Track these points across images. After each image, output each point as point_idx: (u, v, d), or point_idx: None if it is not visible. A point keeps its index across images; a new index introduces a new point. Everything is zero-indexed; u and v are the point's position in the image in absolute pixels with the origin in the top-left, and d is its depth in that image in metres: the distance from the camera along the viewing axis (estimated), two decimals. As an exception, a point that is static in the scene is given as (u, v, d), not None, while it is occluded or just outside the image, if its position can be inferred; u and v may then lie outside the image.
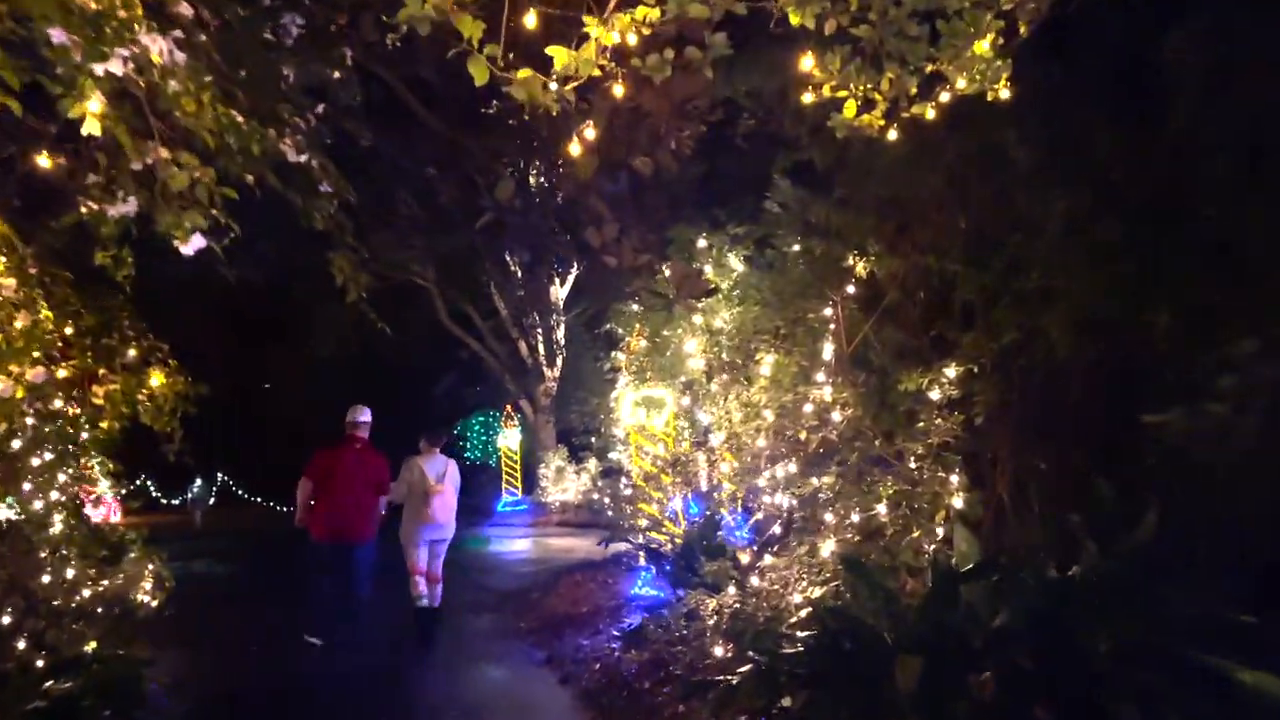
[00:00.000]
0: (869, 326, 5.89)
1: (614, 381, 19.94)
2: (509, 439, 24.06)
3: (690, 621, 6.38)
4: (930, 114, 4.36)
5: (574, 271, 23.91)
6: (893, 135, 4.38)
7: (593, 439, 22.34)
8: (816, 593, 4.91)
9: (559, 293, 24.02)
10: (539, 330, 24.46)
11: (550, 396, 24.72)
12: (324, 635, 8.23)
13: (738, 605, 5.64)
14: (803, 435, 5.79)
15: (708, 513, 8.04)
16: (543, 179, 19.04)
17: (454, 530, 9.12)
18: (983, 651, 3.99)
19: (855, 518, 5.18)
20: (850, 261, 5.87)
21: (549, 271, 20.95)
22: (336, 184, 3.91)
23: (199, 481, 28.77)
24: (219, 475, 30.19)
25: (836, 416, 5.62)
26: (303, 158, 3.50)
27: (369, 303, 5.94)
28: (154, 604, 9.51)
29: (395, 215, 21.46)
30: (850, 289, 5.98)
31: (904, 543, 4.91)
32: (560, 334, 24.34)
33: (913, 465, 5.24)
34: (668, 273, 7.33)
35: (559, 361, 24.77)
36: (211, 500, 29.67)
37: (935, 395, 5.34)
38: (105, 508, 27.15)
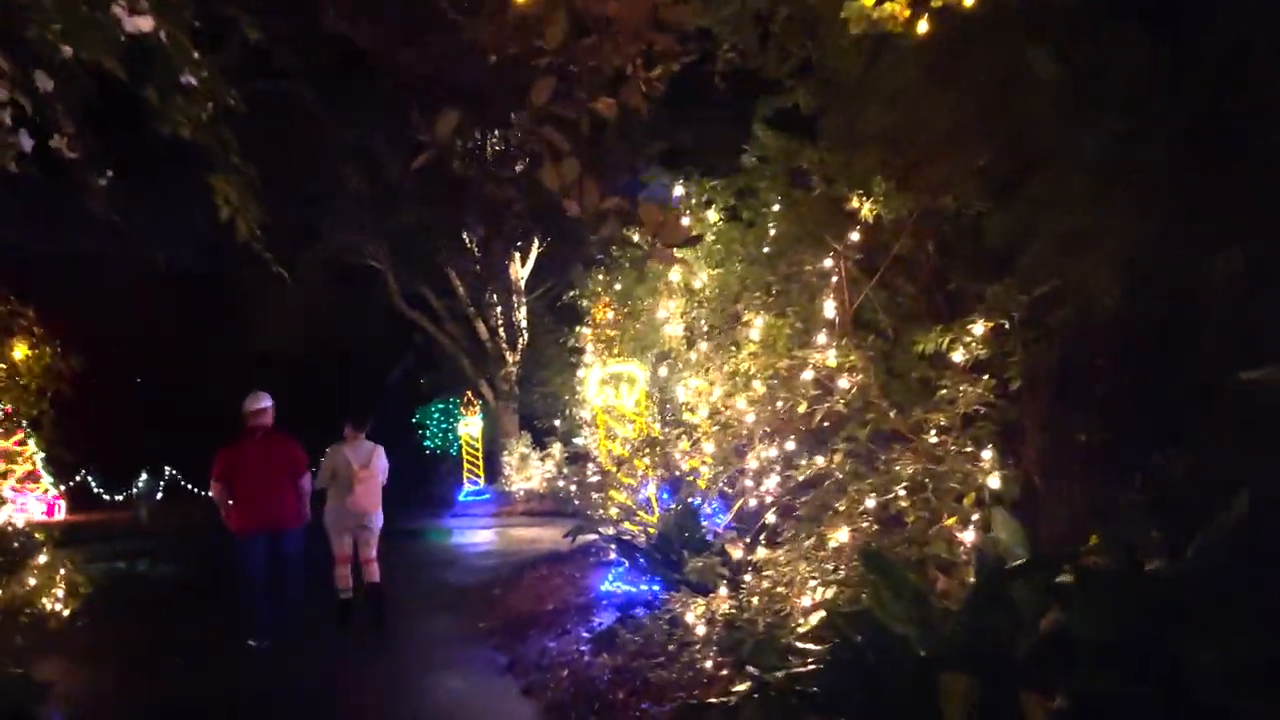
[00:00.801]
0: (874, 281, 5.08)
1: (578, 364, 19.23)
2: (470, 426, 23.05)
3: (673, 628, 5.55)
4: (968, 1, 3.51)
5: (535, 249, 22.93)
6: (923, 28, 3.53)
7: (556, 423, 21.68)
8: (828, 594, 4.10)
9: (519, 271, 22.97)
10: (499, 311, 23.46)
11: (512, 381, 23.74)
12: (264, 636, 7.84)
13: (732, 609, 4.81)
14: (802, 408, 4.96)
15: (685, 500, 7.20)
16: (494, 138, 18.14)
17: (381, 518, 8.91)
18: (1046, 667, 3.20)
19: (870, 503, 4.36)
20: (855, 203, 5.04)
21: (508, 246, 19.87)
22: (206, 78, 2.99)
23: (144, 476, 27.46)
24: (166, 469, 28.81)
25: (844, 383, 4.79)
26: (149, 27, 2.58)
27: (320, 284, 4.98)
28: (65, 613, 8.55)
29: (343, 191, 20.37)
30: (855, 236, 5.15)
31: (931, 532, 4.11)
32: (522, 315, 23.33)
33: (934, 439, 4.44)
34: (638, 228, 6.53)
35: (520, 344, 23.79)
36: (159, 495, 28.39)
37: (959, 357, 4.54)
38: (47, 505, 25.80)
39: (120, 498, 27.47)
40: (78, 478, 26.88)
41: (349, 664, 7.60)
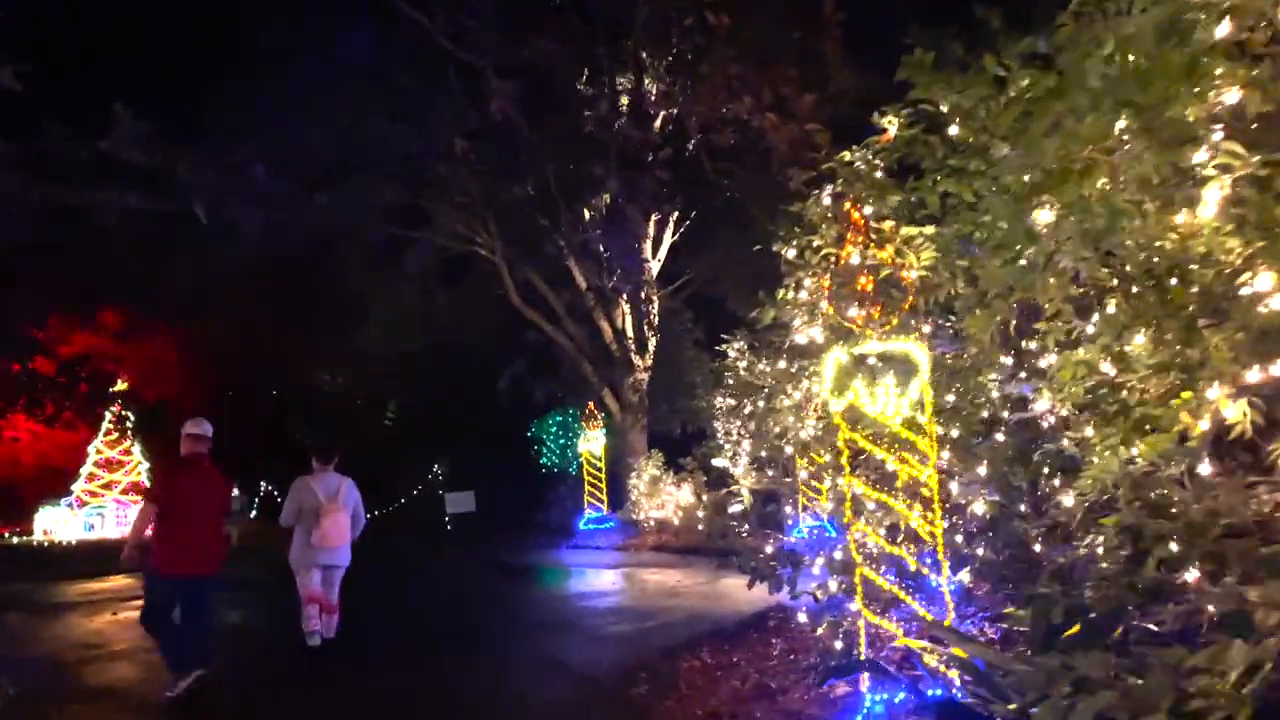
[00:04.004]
0: None
1: (724, 371, 15.37)
2: (591, 442, 19.42)
3: None
4: None
5: (670, 233, 19.28)
6: None
7: (701, 447, 17.71)
8: None
9: (652, 259, 19.27)
10: (626, 309, 19.90)
11: (640, 391, 20.13)
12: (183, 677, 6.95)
13: None
14: None
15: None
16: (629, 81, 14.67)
17: (349, 555, 8.53)
18: None
19: None
20: None
21: (640, 219, 16.22)
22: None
23: (236, 491, 25.13)
24: (262, 484, 26.45)
25: None
26: None
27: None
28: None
29: (452, 162, 17.29)
30: None
31: None
32: (654, 313, 19.66)
33: None
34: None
35: (651, 347, 20.16)
36: (253, 513, 26.04)
37: None
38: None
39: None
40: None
41: None
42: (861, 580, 4.61)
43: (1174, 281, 2.84)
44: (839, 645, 6.12)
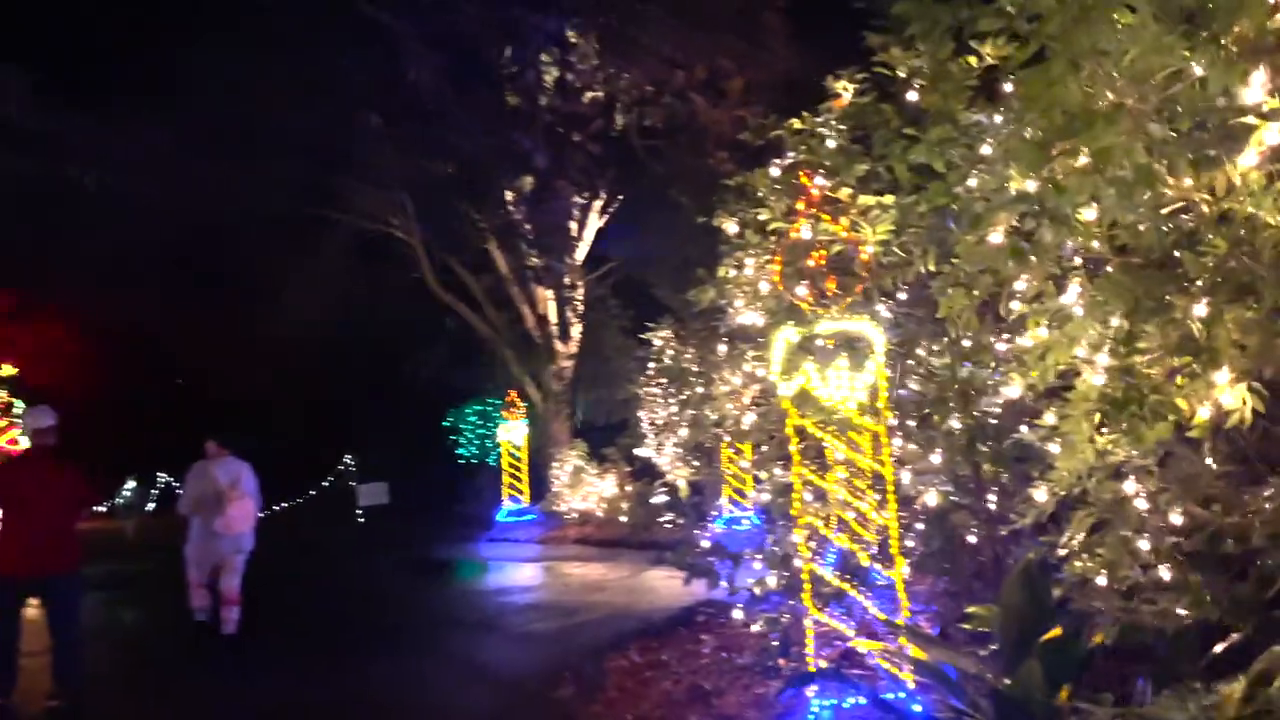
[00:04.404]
0: None
1: (651, 358, 15.04)
2: (512, 432, 18.82)
3: None
4: None
5: (596, 217, 18.81)
6: None
7: (625, 437, 17.31)
8: None
9: (577, 236, 18.69)
10: (549, 294, 19.37)
11: (564, 380, 19.63)
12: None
13: None
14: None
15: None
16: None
17: (250, 543, 8.34)
18: None
19: None
20: None
21: (570, 192, 15.59)
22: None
23: (132, 484, 23.77)
24: (159, 476, 25.11)
25: None
26: None
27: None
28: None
29: (368, 137, 16.49)
30: None
31: None
32: (579, 298, 19.18)
33: None
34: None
35: (575, 334, 19.69)
36: (149, 506, 24.69)
37: None
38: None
39: (104, 508, 23.71)
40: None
41: None
42: (810, 576, 4.30)
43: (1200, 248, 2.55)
44: (775, 644, 5.85)
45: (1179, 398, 2.62)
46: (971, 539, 5.87)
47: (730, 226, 5.12)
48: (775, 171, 4.69)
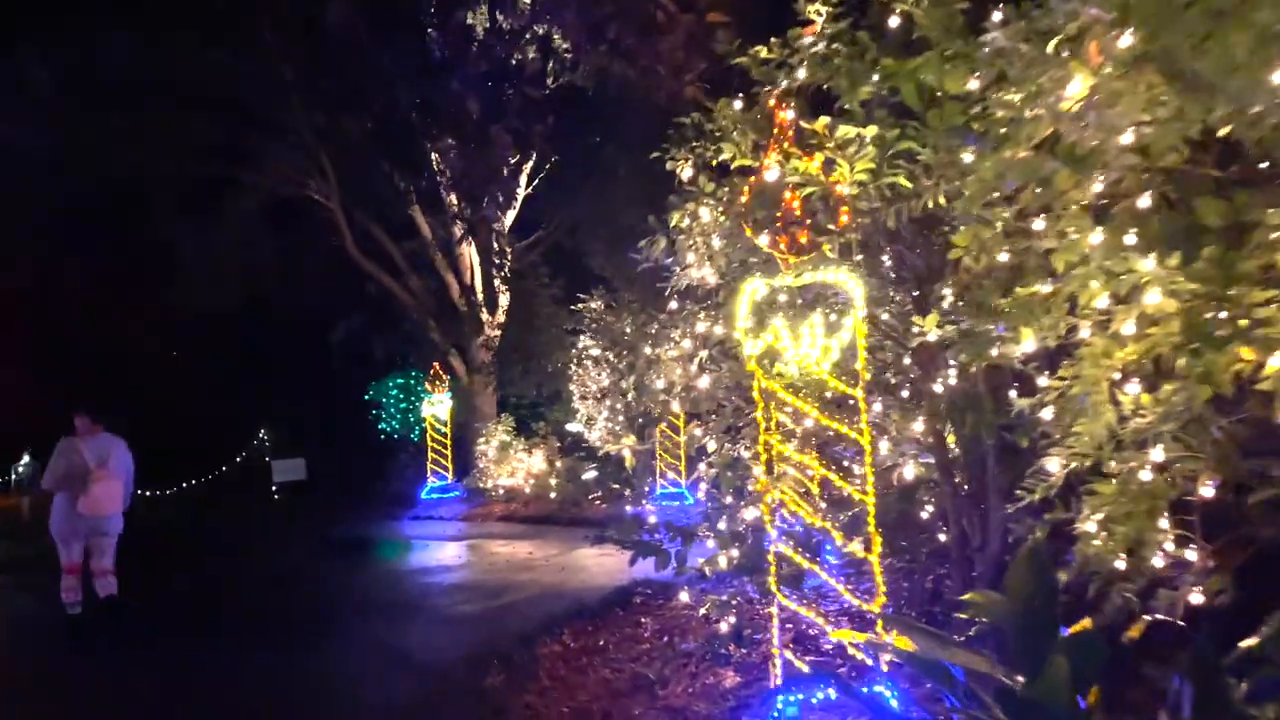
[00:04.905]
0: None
1: (581, 329, 14.46)
2: (436, 407, 18.10)
3: None
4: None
5: (524, 184, 18.11)
6: None
7: (554, 410, 16.69)
8: None
9: (505, 208, 17.96)
10: (475, 261, 18.63)
11: (491, 351, 18.98)
12: None
13: None
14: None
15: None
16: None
17: (121, 522, 8.02)
18: None
19: None
20: None
21: (503, 141, 14.71)
22: None
23: (28, 459, 22.25)
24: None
25: None
26: None
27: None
28: None
29: (282, 90, 15.45)
30: None
31: None
32: (507, 266, 18.47)
33: None
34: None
35: (503, 304, 19.02)
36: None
37: None
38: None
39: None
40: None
41: None
42: (774, 557, 3.85)
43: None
44: (724, 628, 5.43)
45: (1244, 345, 2.24)
46: (925, 515, 5.54)
47: (685, 170, 4.61)
48: (738, 104, 4.19)
